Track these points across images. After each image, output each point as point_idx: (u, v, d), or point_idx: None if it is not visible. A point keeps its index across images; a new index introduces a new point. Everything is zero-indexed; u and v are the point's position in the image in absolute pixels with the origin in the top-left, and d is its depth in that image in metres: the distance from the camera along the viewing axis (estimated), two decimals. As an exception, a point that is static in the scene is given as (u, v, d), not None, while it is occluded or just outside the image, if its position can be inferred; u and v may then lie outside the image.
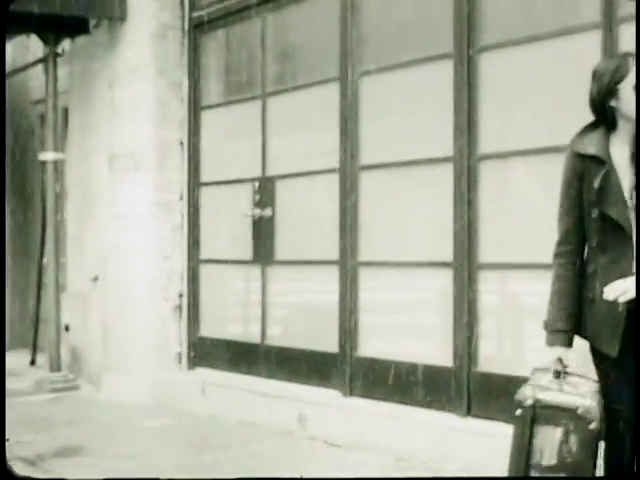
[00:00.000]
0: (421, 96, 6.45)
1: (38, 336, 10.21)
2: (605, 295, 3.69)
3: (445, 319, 6.15)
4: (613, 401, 3.78)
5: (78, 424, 7.37)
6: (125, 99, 8.51)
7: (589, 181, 3.79)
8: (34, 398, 8.49)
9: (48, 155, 9.03)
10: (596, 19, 5.33)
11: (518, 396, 3.83)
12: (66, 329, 9.28)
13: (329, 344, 6.98)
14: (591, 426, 3.72)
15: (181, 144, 8.44)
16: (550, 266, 3.98)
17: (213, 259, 8.33)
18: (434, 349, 6.32)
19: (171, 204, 8.41)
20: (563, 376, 3.83)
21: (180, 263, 8.41)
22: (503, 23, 5.99)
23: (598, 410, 3.74)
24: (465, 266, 6.01)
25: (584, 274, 3.88)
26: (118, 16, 8.50)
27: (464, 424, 5.88)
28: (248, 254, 7.84)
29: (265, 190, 7.68)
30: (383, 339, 6.78)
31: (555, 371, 3.83)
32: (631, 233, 3.70)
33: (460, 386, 6.01)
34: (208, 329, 8.33)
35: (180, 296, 8.40)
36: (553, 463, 3.73)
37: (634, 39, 3.86)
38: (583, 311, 3.87)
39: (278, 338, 7.64)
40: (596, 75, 3.88)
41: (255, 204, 7.74)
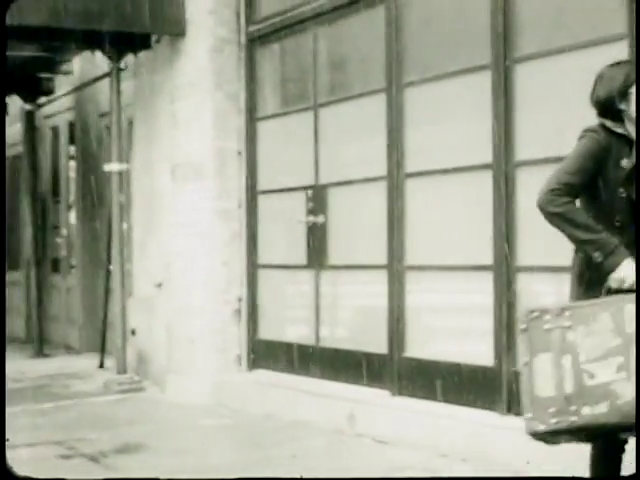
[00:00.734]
0: (461, 106, 6.68)
1: (106, 340, 10.54)
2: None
3: (486, 321, 6.35)
4: None
5: (141, 423, 7.66)
6: (185, 111, 8.82)
7: (617, 158, 3.97)
8: (101, 399, 8.79)
9: (113, 166, 9.28)
10: (624, 30, 5.50)
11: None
12: (132, 333, 9.54)
13: (378, 345, 7.22)
14: None
15: (239, 154, 8.72)
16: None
17: (270, 264, 8.61)
18: (475, 350, 6.53)
19: (230, 212, 8.69)
20: None
21: (239, 268, 8.70)
22: (537, 35, 6.20)
23: None
24: (504, 269, 6.21)
25: None
26: (178, 32, 8.79)
27: (504, 422, 6.06)
28: (303, 259, 8.12)
29: (318, 197, 7.96)
30: (428, 340, 7.02)
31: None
32: None
33: (500, 385, 6.21)
34: (265, 332, 8.62)
35: (239, 300, 8.69)
36: None
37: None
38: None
39: (330, 340, 7.91)
40: (604, 78, 4.08)
41: (309, 211, 8.03)
